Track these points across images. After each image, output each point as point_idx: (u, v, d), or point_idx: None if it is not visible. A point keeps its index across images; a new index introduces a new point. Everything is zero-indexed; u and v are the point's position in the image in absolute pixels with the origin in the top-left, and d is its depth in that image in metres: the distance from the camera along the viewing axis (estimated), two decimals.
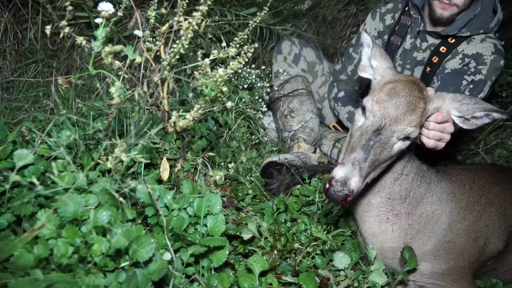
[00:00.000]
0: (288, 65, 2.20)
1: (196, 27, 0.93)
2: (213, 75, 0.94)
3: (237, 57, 1.00)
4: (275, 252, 1.39)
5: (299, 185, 1.77)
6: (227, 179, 1.80)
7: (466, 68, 1.84)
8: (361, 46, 2.17)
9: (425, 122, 1.39)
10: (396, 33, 2.04)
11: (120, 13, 1.09)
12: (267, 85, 2.03)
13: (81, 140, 1.48)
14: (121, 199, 0.95)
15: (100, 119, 1.53)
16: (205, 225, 1.23)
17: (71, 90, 1.92)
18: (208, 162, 1.65)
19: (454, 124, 1.38)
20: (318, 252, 1.46)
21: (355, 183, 1.19)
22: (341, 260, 1.48)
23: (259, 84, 2.01)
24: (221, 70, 0.96)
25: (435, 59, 1.93)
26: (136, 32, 1.31)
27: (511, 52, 3.28)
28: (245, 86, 2.01)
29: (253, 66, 2.13)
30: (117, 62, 0.94)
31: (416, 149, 1.51)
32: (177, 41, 0.98)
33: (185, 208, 1.25)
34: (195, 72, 0.96)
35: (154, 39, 2.07)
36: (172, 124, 0.98)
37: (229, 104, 0.99)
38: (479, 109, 1.32)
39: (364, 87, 2.24)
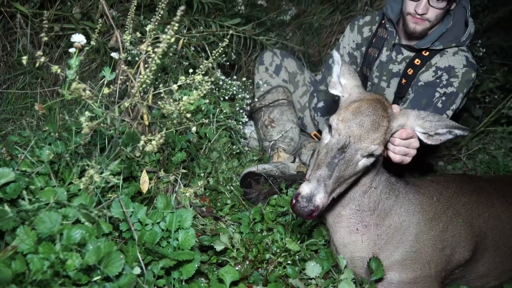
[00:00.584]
0: (270, 75, 2.25)
1: (158, 61, 0.99)
2: (176, 104, 1.00)
3: (201, 84, 1.06)
4: (247, 262, 1.45)
5: (276, 195, 1.84)
6: (206, 189, 1.86)
7: (438, 80, 1.89)
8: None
9: (391, 138, 1.45)
10: (373, 45, 2.09)
11: (90, 47, 1.15)
12: (247, 96, 2.09)
13: (64, 154, 1.54)
14: (85, 219, 1.01)
15: (81, 134, 1.59)
16: (177, 239, 1.29)
17: (57, 103, 1.99)
18: (182, 176, 1.71)
19: (420, 139, 1.44)
20: (289, 262, 1.52)
21: (320, 199, 1.25)
22: (313, 269, 1.55)
23: (240, 96, 2.07)
24: (185, 98, 1.02)
25: (410, 71, 1.99)
26: (113, 54, 1.37)
27: (495, 57, 3.34)
28: (226, 97, 2.07)
29: (235, 77, 2.19)
30: (88, 92, 1.00)
31: (390, 161, 1.56)
32: (141, 75, 1.04)
33: (158, 223, 1.32)
34: (159, 102, 1.02)
35: (138, 51, 2.13)
36: (140, 148, 1.04)
37: (194, 129, 1.06)
38: (442, 126, 1.38)
39: None
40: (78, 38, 1.11)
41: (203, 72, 1.10)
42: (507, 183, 1.85)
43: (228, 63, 2.42)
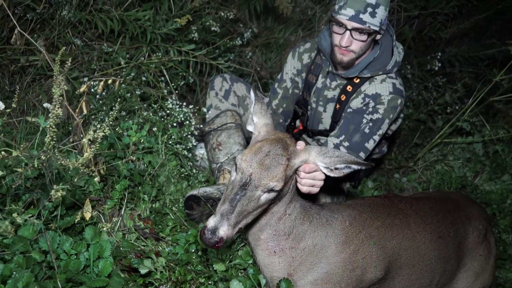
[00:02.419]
0: (219, 100, 2.40)
1: (53, 132, 1.16)
2: (76, 160, 1.17)
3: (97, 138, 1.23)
4: (170, 283, 1.63)
5: None
6: (151, 211, 2.04)
7: (365, 107, 2.01)
8: (284, 82, 2.36)
9: (297, 172, 1.59)
10: (312, 71, 2.21)
11: (10, 110, 1.33)
12: (194, 122, 2.25)
13: (11, 189, 1.74)
14: None
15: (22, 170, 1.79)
16: (98, 266, 1.48)
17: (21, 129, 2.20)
18: (128, 200, 1.89)
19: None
20: (210, 282, 1.69)
21: (223, 231, 1.41)
22: (236, 287, 1.72)
23: (187, 122, 2.23)
24: (86, 155, 1.19)
25: (343, 97, 2.11)
26: (45, 105, 1.55)
27: (461, 66, 3.39)
28: (175, 124, 2.24)
29: (184, 104, 2.35)
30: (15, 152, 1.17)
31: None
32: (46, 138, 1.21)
33: (83, 252, 1.51)
34: (61, 162, 1.20)
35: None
36: (53, 198, 1.22)
37: (96, 179, 1.23)
38: (340, 162, 1.52)
39: (288, 119, 2.44)
40: None
41: (100, 132, 1.26)
42: (429, 204, 1.97)
43: (176, 91, 2.58)
